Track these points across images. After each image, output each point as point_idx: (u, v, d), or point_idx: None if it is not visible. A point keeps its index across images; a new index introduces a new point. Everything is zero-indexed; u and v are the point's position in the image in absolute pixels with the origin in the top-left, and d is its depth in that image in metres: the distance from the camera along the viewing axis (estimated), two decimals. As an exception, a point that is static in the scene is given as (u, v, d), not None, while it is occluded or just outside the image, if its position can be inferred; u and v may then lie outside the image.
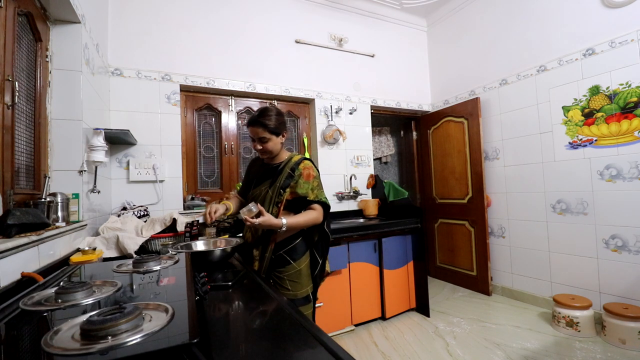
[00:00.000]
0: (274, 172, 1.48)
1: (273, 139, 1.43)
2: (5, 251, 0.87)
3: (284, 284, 1.43)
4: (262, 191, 1.48)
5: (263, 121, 1.40)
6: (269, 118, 1.41)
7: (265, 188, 1.47)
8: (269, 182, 1.47)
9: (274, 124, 1.42)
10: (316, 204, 1.43)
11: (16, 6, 1.22)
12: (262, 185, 1.49)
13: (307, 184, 1.42)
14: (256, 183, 1.53)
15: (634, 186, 2.14)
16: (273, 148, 1.45)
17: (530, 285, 2.80)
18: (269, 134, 1.41)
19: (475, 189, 3.17)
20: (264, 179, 1.50)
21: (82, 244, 1.51)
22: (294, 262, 1.44)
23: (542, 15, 2.64)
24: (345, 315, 2.40)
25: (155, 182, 2.36)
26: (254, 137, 1.43)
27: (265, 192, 1.47)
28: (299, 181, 1.42)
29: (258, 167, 1.60)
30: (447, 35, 3.56)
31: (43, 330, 0.56)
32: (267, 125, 1.40)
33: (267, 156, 1.49)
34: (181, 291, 0.77)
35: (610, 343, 2.06)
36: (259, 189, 1.50)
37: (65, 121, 1.56)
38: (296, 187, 1.42)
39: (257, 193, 1.50)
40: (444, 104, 3.60)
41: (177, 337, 0.51)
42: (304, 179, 1.42)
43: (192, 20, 2.58)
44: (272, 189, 1.45)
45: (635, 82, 2.13)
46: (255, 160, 1.67)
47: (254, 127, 1.41)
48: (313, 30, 3.11)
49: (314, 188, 1.44)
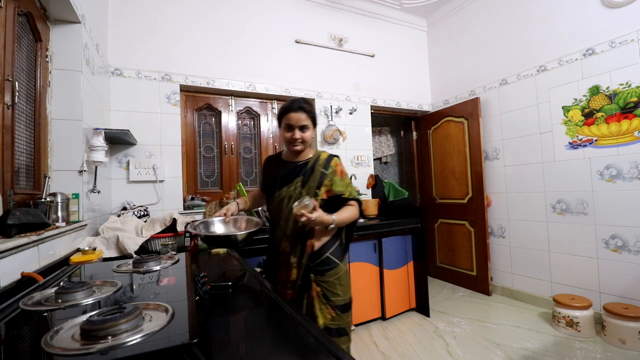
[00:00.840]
0: (302, 170, 1.36)
1: (311, 130, 1.35)
2: (5, 251, 0.87)
3: (335, 289, 1.29)
4: (292, 191, 1.35)
5: (309, 108, 1.32)
6: (310, 105, 1.34)
7: (295, 188, 1.34)
8: (300, 181, 1.34)
9: (314, 113, 1.35)
10: (353, 200, 1.35)
11: (16, 6, 1.22)
12: (292, 185, 1.35)
13: (342, 181, 1.35)
14: (282, 183, 1.38)
15: (634, 186, 2.14)
16: (309, 139, 1.35)
17: (530, 285, 2.80)
18: (311, 122, 1.33)
19: (475, 189, 3.17)
20: (292, 178, 1.36)
21: (82, 244, 1.51)
22: (341, 262, 1.34)
23: (542, 15, 2.64)
24: (345, 315, 2.40)
25: (155, 182, 2.36)
26: (295, 124, 1.30)
27: (297, 192, 1.33)
28: (333, 179, 1.33)
29: (279, 166, 1.44)
30: (447, 35, 3.56)
31: (43, 330, 0.56)
32: (311, 112, 1.33)
33: (301, 147, 1.35)
34: (181, 291, 0.77)
35: (610, 343, 2.06)
36: (289, 189, 1.36)
37: (65, 121, 1.56)
38: (332, 185, 1.33)
39: (287, 194, 1.36)
40: (444, 104, 3.60)
41: (177, 337, 0.51)
42: (339, 176, 1.35)
43: (192, 20, 2.58)
44: (306, 188, 1.33)
45: (635, 82, 2.13)
46: (271, 159, 1.52)
47: (297, 113, 1.30)
48: (313, 30, 3.11)
49: (348, 185, 1.37)
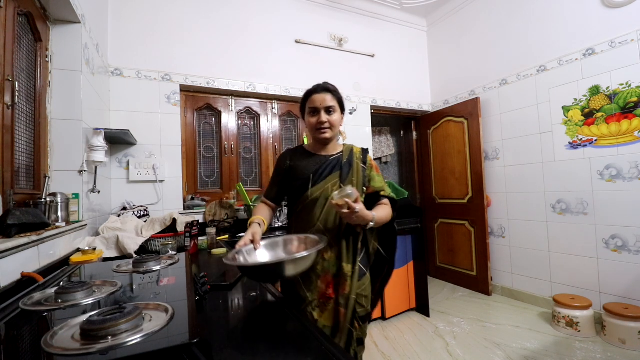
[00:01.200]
0: (337, 164, 1.20)
1: (338, 114, 1.20)
2: (5, 251, 0.87)
3: (361, 301, 1.14)
4: (330, 189, 1.16)
5: (334, 89, 1.20)
6: (334, 87, 1.21)
7: (334, 184, 1.17)
8: (338, 177, 1.18)
9: (340, 96, 1.21)
10: (387, 199, 1.22)
11: (16, 6, 1.22)
12: (328, 182, 1.17)
13: (379, 177, 1.24)
14: (316, 179, 1.17)
15: (634, 186, 2.14)
16: (338, 125, 1.20)
17: (530, 285, 2.80)
18: (337, 104, 1.19)
19: (475, 189, 3.17)
20: (327, 173, 1.18)
21: (82, 244, 1.51)
22: (367, 270, 1.20)
23: (542, 15, 2.64)
24: (345, 315, 2.40)
25: (155, 182, 2.36)
26: (320, 106, 1.16)
27: (335, 189, 1.14)
28: (371, 174, 1.23)
29: (307, 160, 1.23)
30: (447, 35, 3.56)
31: (43, 330, 0.56)
32: (335, 92, 1.19)
33: (330, 134, 1.18)
34: (181, 291, 0.77)
35: (610, 343, 2.06)
36: (325, 186, 1.16)
37: (65, 121, 1.56)
38: (372, 182, 1.22)
39: (324, 192, 1.16)
40: (444, 104, 3.60)
41: (177, 337, 0.51)
42: (376, 172, 1.24)
43: (192, 20, 2.58)
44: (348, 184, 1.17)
45: (635, 82, 2.13)
46: (294, 153, 1.28)
47: (320, 94, 1.17)
48: (313, 30, 3.11)
49: (383, 181, 1.26)
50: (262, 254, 1.01)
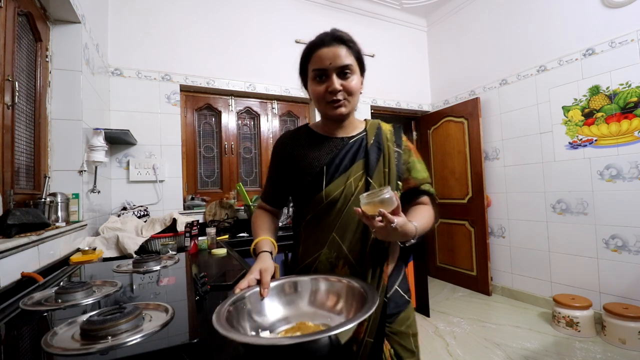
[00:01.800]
0: (360, 148, 0.83)
1: (358, 76, 0.80)
2: (5, 251, 0.87)
3: (409, 345, 0.82)
4: (351, 185, 0.80)
5: (347, 37, 0.80)
6: (349, 36, 0.81)
7: (357, 178, 0.80)
8: (362, 166, 0.81)
9: (358, 49, 0.82)
10: (426, 195, 0.87)
11: (16, 6, 1.22)
12: (349, 175, 0.81)
13: (423, 164, 0.88)
14: (331, 172, 0.82)
15: (634, 186, 2.14)
16: (357, 93, 0.81)
17: (530, 285, 2.80)
18: (354, 61, 0.79)
19: (475, 189, 3.16)
20: (347, 163, 0.82)
21: (82, 244, 1.51)
22: (409, 297, 0.87)
23: (542, 15, 2.64)
24: (345, 315, 2.39)
25: (155, 182, 2.36)
26: (330, 65, 0.77)
27: (360, 186, 0.80)
28: (410, 160, 0.86)
29: (316, 145, 0.86)
30: (447, 35, 3.56)
31: (43, 330, 0.56)
32: (351, 45, 0.79)
33: (347, 109, 0.80)
34: (181, 291, 0.77)
35: (610, 343, 2.05)
36: (347, 181, 0.81)
37: (65, 121, 1.56)
38: (412, 172, 0.85)
39: (345, 190, 0.80)
40: (444, 104, 3.60)
41: (177, 337, 0.51)
42: (416, 157, 0.88)
43: (192, 20, 2.58)
44: (377, 178, 0.80)
45: (635, 82, 2.13)
46: (297, 136, 0.91)
47: (330, 48, 0.77)
48: (313, 30, 3.06)
49: (426, 170, 0.89)
50: (273, 307, 0.65)
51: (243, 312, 0.60)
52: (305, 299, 0.68)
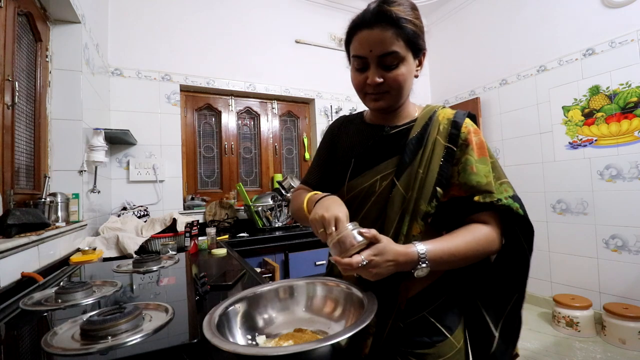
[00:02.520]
0: (399, 142, 0.69)
1: (409, 62, 0.66)
2: (5, 251, 0.87)
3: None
4: (377, 185, 0.68)
5: (396, 12, 0.61)
6: (402, 7, 0.63)
7: (384, 177, 0.68)
8: (395, 165, 0.67)
9: (414, 24, 0.64)
10: (491, 210, 0.64)
11: (16, 6, 1.22)
12: (377, 172, 0.69)
13: (482, 163, 0.64)
14: (360, 166, 0.72)
15: (634, 186, 2.14)
16: (406, 83, 0.67)
17: (530, 285, 2.78)
18: (404, 45, 0.63)
19: (475, 189, 3.16)
20: (380, 158, 0.70)
21: (82, 244, 1.51)
22: (451, 334, 0.66)
23: (542, 15, 2.64)
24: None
25: (155, 182, 2.36)
26: (370, 53, 0.64)
27: (387, 189, 0.67)
28: (465, 159, 0.65)
29: (358, 135, 0.77)
30: (447, 35, 3.56)
31: (43, 330, 0.56)
32: (403, 22, 0.62)
33: (387, 103, 0.69)
34: (181, 291, 0.77)
35: (610, 343, 2.05)
36: (373, 178, 0.69)
37: (65, 121, 1.56)
38: (463, 174, 0.64)
39: (368, 188, 0.69)
40: (444, 104, 3.60)
41: (177, 337, 0.51)
42: (476, 154, 0.65)
43: (192, 20, 2.58)
44: (405, 180, 0.65)
45: (635, 82, 2.13)
46: (348, 121, 0.83)
47: (372, 30, 0.63)
48: (313, 30, 3.11)
49: (490, 172, 0.64)
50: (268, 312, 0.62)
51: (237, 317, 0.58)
52: (301, 304, 0.65)
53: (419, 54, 0.68)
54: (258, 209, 2.44)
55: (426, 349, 0.65)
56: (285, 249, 2.13)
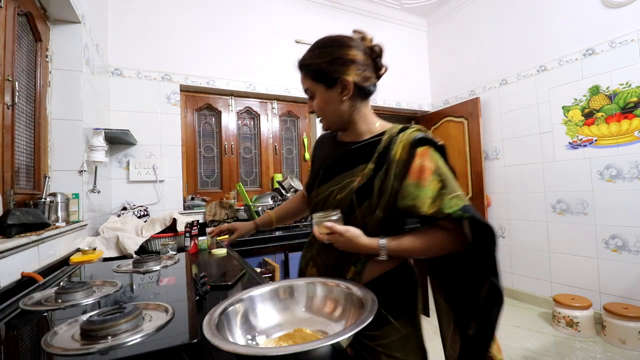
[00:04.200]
0: (360, 155, 0.80)
1: (320, 92, 0.80)
2: (5, 251, 0.87)
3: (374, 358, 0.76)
4: (328, 194, 0.82)
5: (301, 60, 0.82)
6: (308, 53, 0.81)
7: (335, 189, 0.81)
8: (357, 175, 0.78)
9: (316, 63, 0.78)
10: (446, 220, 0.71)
11: (16, 6, 1.22)
12: (334, 183, 0.82)
13: (419, 188, 0.70)
14: (325, 176, 0.85)
15: (634, 186, 2.14)
16: (324, 109, 0.81)
17: (530, 285, 2.80)
18: (310, 81, 0.80)
19: (475, 189, 3.16)
20: (336, 171, 0.83)
21: (82, 244, 1.51)
22: (397, 320, 0.78)
23: (542, 15, 2.64)
24: (345, 315, 2.39)
25: (155, 182, 2.36)
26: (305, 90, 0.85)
27: (333, 197, 0.81)
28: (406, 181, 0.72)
29: (328, 149, 0.91)
30: (447, 35, 3.56)
31: (43, 330, 0.56)
32: (305, 66, 0.80)
33: (325, 125, 0.86)
34: (181, 291, 0.77)
35: (610, 343, 2.05)
36: (325, 188, 0.84)
37: (65, 121, 1.56)
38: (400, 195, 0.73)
39: (321, 197, 0.84)
40: (444, 104, 3.60)
41: (177, 337, 0.51)
42: (413, 178, 0.72)
43: (192, 20, 2.58)
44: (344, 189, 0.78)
45: (635, 82, 2.13)
46: (323, 139, 0.99)
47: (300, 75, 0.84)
48: (313, 30, 3.11)
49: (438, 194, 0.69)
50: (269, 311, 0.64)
51: (237, 317, 0.59)
52: (301, 304, 0.66)
53: (333, 83, 0.78)
54: (258, 209, 2.44)
55: (373, 331, 0.76)
56: (285, 249, 2.13)
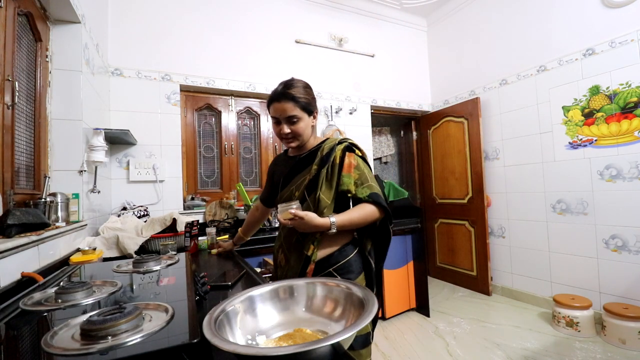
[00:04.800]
0: (302, 165, 1.14)
1: (304, 119, 1.09)
2: (5, 251, 0.87)
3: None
4: (289, 194, 1.14)
5: (292, 93, 1.06)
6: (297, 89, 1.07)
7: (298, 187, 1.12)
8: (308, 175, 1.10)
9: (305, 98, 1.08)
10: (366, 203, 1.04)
11: (16, 6, 1.22)
12: (291, 185, 1.15)
13: (348, 177, 1.06)
14: (283, 184, 1.18)
15: (634, 186, 2.14)
16: (304, 131, 1.10)
17: (530, 285, 2.80)
18: (300, 110, 1.07)
19: (475, 189, 3.16)
20: (291, 177, 1.16)
21: (82, 244, 1.51)
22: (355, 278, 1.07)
23: (542, 15, 2.64)
24: (345, 315, 2.39)
25: (155, 182, 2.36)
26: (280, 116, 1.08)
27: (292, 195, 1.12)
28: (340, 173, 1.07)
29: (284, 164, 1.24)
30: (447, 35, 3.56)
31: (43, 330, 0.56)
32: (297, 98, 1.06)
33: (296, 144, 1.12)
34: (181, 291, 0.77)
35: (610, 343, 2.05)
36: (286, 190, 1.16)
37: (65, 121, 1.56)
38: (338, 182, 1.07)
39: (285, 198, 1.16)
40: (444, 104, 3.60)
41: (177, 337, 0.51)
42: (345, 171, 1.07)
43: (192, 20, 2.58)
44: (299, 187, 1.11)
45: (635, 82, 2.13)
46: (278, 158, 1.32)
47: (279, 103, 1.06)
48: (313, 30, 3.11)
49: (357, 180, 1.06)
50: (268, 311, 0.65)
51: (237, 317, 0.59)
52: (301, 304, 0.67)
53: (312, 113, 1.13)
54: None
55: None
56: (285, 249, 2.13)
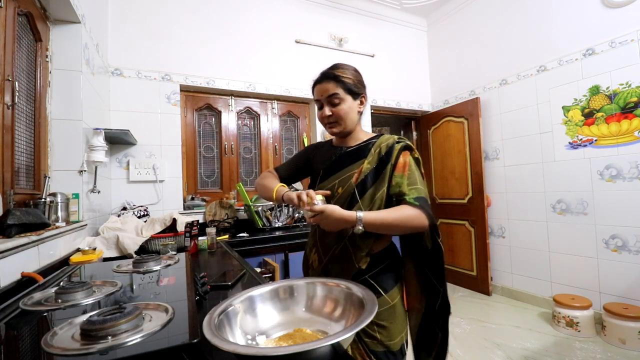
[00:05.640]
0: (351, 157, 1.01)
1: (347, 101, 0.98)
2: (5, 251, 0.87)
3: (370, 330, 0.91)
4: (330, 188, 1.01)
5: (335, 73, 0.98)
6: (342, 70, 0.99)
7: (336, 183, 1.00)
8: (357, 170, 0.98)
9: (352, 80, 0.99)
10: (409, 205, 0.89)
11: (16, 6, 1.22)
12: (334, 179, 1.01)
13: (402, 177, 0.94)
14: (324, 175, 1.05)
15: (634, 186, 2.14)
16: (347, 115, 0.99)
17: (530, 285, 2.80)
18: (343, 91, 0.97)
19: (475, 189, 3.16)
20: (335, 169, 1.02)
21: (82, 244, 1.51)
22: (386, 293, 0.95)
23: (542, 15, 2.64)
24: (345, 315, 2.39)
25: (155, 182, 2.36)
26: (321, 97, 0.99)
27: (335, 191, 1.00)
28: (394, 174, 0.94)
29: (327, 153, 1.10)
30: (447, 35, 3.56)
31: (43, 330, 0.56)
32: (340, 77, 0.97)
33: (338, 129, 1.01)
34: (181, 291, 0.77)
35: (610, 343, 2.05)
36: (327, 184, 1.03)
37: (65, 121, 1.56)
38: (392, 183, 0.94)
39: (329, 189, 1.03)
40: (444, 104, 3.60)
41: (177, 337, 0.51)
42: (400, 171, 0.94)
43: (192, 20, 2.58)
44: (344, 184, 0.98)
45: (635, 82, 2.13)
46: (321, 145, 1.17)
47: (321, 84, 0.99)
48: (313, 30, 3.11)
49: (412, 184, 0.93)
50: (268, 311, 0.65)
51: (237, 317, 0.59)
52: (301, 304, 0.67)
53: (358, 97, 1.01)
54: (258, 209, 2.44)
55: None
56: (285, 249, 2.13)
